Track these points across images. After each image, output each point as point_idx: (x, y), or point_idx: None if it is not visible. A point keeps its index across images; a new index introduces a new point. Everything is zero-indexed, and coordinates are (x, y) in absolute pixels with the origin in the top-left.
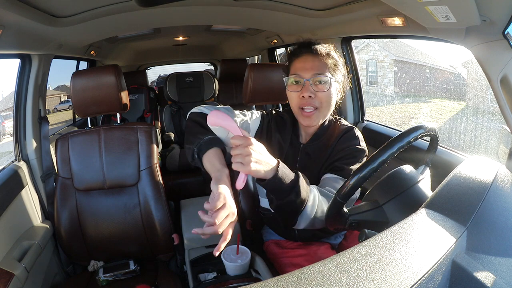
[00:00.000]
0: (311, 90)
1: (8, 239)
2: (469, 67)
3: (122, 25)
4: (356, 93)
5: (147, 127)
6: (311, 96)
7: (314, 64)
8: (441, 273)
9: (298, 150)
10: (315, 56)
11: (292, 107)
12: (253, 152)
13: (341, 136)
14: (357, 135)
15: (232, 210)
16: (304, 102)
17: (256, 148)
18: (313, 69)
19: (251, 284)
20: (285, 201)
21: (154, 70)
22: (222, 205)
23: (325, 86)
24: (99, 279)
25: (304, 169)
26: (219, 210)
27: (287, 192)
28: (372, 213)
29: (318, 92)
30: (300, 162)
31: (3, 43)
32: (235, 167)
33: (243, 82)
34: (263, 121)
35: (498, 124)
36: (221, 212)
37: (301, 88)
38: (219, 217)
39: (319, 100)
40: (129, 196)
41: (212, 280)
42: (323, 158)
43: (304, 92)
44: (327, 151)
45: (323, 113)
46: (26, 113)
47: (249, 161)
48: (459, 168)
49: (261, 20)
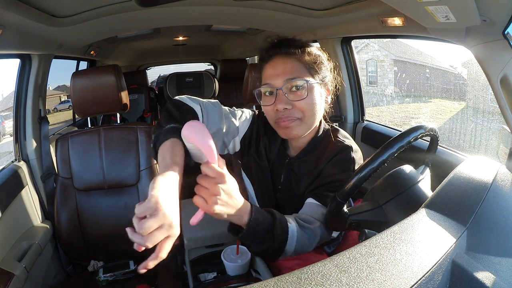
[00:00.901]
0: (285, 100)
1: (8, 239)
2: (469, 67)
3: (122, 25)
4: (356, 93)
5: (147, 127)
6: (287, 108)
7: (286, 68)
8: (441, 273)
9: (283, 166)
10: (287, 57)
11: (270, 122)
12: (222, 193)
13: (333, 156)
14: (353, 157)
15: (167, 221)
16: (281, 115)
17: (227, 188)
18: (285, 74)
19: (251, 284)
20: (262, 247)
21: (154, 70)
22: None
23: (303, 92)
24: (99, 279)
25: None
26: (147, 218)
27: (263, 240)
28: (372, 213)
29: (296, 101)
30: (284, 179)
31: (3, 43)
32: (197, 201)
33: (243, 82)
34: (253, 123)
35: (498, 124)
36: (148, 221)
37: (274, 99)
38: (145, 228)
39: (299, 110)
40: (129, 196)
41: (212, 280)
42: (309, 179)
43: (277, 104)
44: (315, 172)
45: (307, 123)
46: (26, 113)
47: (214, 201)
48: (459, 168)
49: (261, 20)
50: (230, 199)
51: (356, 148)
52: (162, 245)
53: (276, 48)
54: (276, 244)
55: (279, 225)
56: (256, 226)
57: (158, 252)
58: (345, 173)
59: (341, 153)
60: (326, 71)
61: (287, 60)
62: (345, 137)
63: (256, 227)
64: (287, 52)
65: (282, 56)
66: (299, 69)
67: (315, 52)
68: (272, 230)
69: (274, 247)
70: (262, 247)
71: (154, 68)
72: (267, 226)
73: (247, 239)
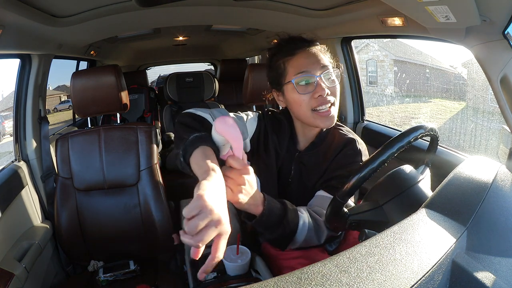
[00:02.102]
0: (326, 86)
1: (8, 239)
2: (469, 67)
3: (122, 25)
4: (356, 93)
5: (147, 127)
6: (328, 93)
7: (319, 58)
8: (441, 273)
9: (293, 159)
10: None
11: (302, 112)
12: (247, 183)
13: (341, 148)
14: (359, 149)
15: (215, 217)
16: (321, 101)
17: (250, 179)
18: (319, 63)
19: (251, 284)
20: (274, 235)
21: (154, 70)
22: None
23: (336, 80)
24: (99, 279)
25: (299, 180)
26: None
27: (276, 227)
28: (372, 213)
29: (332, 87)
30: (295, 172)
31: (3, 43)
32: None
33: (243, 82)
34: (260, 123)
35: (498, 124)
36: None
37: (314, 87)
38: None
39: (333, 95)
40: (129, 196)
41: (212, 280)
42: (319, 171)
43: (320, 91)
44: (324, 164)
45: (337, 107)
46: (26, 113)
47: (239, 191)
48: (459, 168)
49: (261, 20)
50: (251, 189)
51: (361, 141)
52: (217, 245)
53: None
54: (287, 232)
55: (290, 215)
56: (269, 214)
57: (214, 252)
58: (354, 164)
59: (348, 146)
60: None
61: (316, 53)
62: (348, 131)
63: (269, 215)
64: (314, 45)
65: (309, 50)
66: (327, 60)
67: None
68: (283, 219)
69: (285, 234)
70: (274, 235)
71: (154, 68)
72: (279, 215)
73: (260, 227)
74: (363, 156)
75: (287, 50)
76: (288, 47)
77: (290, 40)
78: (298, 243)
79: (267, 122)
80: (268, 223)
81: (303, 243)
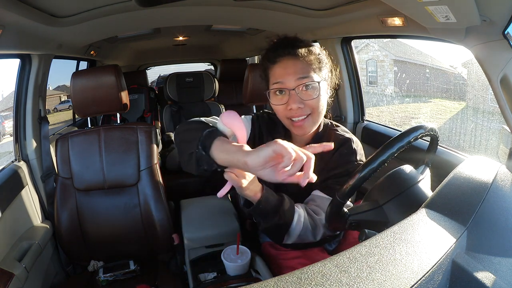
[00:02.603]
0: (298, 99)
1: (8, 239)
2: (469, 67)
3: (122, 25)
4: (356, 93)
5: (147, 127)
6: (300, 107)
7: (297, 68)
8: (441, 273)
9: None
10: (295, 57)
11: (280, 118)
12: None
13: (337, 148)
14: (354, 148)
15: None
16: (293, 114)
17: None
18: (296, 74)
19: (251, 284)
20: (270, 224)
21: (154, 70)
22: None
23: (314, 92)
24: (99, 279)
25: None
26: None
27: (271, 216)
28: (372, 213)
29: (307, 100)
30: None
31: (3, 43)
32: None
33: (243, 82)
34: (254, 126)
35: (498, 124)
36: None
37: (287, 99)
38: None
39: (310, 108)
40: (129, 196)
41: (212, 280)
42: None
43: (291, 104)
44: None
45: (316, 119)
46: (26, 113)
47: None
48: (459, 168)
49: (261, 20)
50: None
51: (356, 140)
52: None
53: (283, 48)
54: (282, 222)
55: (286, 205)
56: (266, 201)
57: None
58: (349, 164)
59: (343, 146)
60: (327, 69)
61: (296, 61)
62: (344, 131)
63: (266, 202)
64: (294, 53)
65: (290, 57)
66: (308, 69)
67: (318, 51)
68: (279, 208)
69: (280, 224)
70: (270, 223)
71: (154, 68)
72: (275, 205)
73: (256, 214)
74: (358, 155)
75: (270, 57)
76: (271, 54)
77: (275, 46)
78: (293, 237)
79: (262, 123)
80: (264, 210)
81: (298, 239)
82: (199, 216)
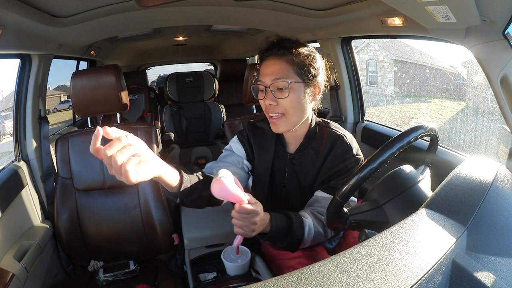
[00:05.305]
0: (272, 97)
1: (8, 239)
2: (469, 67)
3: (122, 25)
4: (356, 93)
5: (147, 127)
6: (272, 104)
7: (274, 69)
8: (441, 273)
9: (285, 162)
10: (278, 58)
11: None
12: (257, 222)
13: (331, 145)
14: (349, 143)
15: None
16: (269, 110)
17: (260, 218)
18: (273, 74)
19: (251, 284)
20: (283, 244)
21: (154, 70)
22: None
23: (284, 93)
24: (99, 279)
25: (294, 182)
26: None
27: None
28: (372, 213)
29: (279, 99)
30: (289, 174)
31: (3, 43)
32: (238, 231)
33: (243, 82)
34: (243, 141)
35: (498, 124)
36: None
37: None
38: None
39: (283, 107)
40: (129, 196)
41: (212, 280)
42: (314, 170)
43: (266, 100)
44: (318, 162)
45: (291, 119)
46: (26, 113)
47: (252, 229)
48: (459, 168)
49: (261, 20)
50: (261, 222)
51: (350, 135)
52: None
53: (271, 48)
54: (295, 240)
55: (296, 225)
56: (277, 230)
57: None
58: (347, 160)
59: (338, 143)
60: (316, 70)
61: (277, 62)
62: (336, 127)
63: (277, 231)
64: (279, 54)
65: (274, 57)
66: (286, 71)
67: (306, 52)
68: (290, 230)
69: (293, 242)
70: (284, 244)
71: (154, 68)
72: (286, 228)
73: (271, 240)
74: (354, 150)
75: (260, 56)
76: (261, 53)
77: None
78: (307, 245)
79: (250, 135)
80: (277, 236)
81: (312, 243)
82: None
